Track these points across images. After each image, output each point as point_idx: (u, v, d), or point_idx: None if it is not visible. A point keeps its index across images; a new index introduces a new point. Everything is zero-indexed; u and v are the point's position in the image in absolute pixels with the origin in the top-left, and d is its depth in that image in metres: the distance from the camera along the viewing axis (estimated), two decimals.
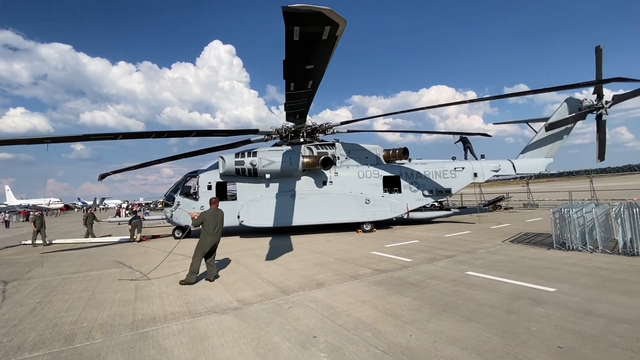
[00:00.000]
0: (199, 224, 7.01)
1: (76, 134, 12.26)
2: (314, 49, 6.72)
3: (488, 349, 3.64)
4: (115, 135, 11.81)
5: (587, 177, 23.53)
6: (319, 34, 6.10)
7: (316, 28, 5.91)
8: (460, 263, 7.64)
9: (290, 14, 5.40)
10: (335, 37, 6.25)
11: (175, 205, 14.45)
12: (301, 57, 7.07)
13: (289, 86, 8.64)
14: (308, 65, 7.47)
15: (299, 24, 5.74)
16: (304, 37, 6.17)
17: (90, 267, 9.38)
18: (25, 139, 11.23)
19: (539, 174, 18.30)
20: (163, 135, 12.67)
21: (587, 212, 8.35)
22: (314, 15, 5.51)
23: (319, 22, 5.72)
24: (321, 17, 5.58)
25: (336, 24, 5.81)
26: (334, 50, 6.80)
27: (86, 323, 5.05)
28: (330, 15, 5.53)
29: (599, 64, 14.34)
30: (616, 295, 5.06)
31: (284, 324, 4.61)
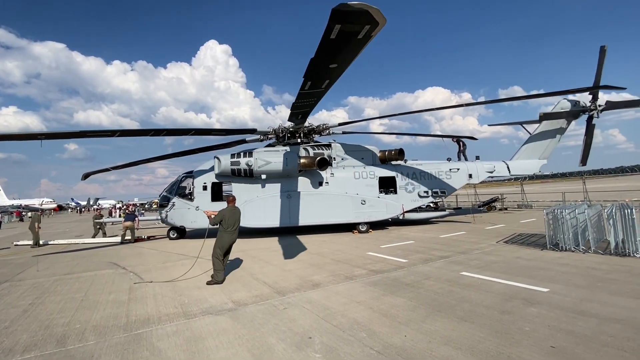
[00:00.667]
0: (217, 222, 6.99)
1: (72, 130, 11.83)
2: (345, 48, 6.79)
3: (482, 348, 3.67)
4: (112, 132, 11.57)
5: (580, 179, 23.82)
6: (357, 32, 6.18)
7: (356, 27, 5.98)
8: (455, 263, 7.69)
9: (339, 11, 5.45)
10: (369, 37, 6.34)
11: (170, 205, 14.37)
12: (330, 56, 7.11)
13: (304, 85, 8.66)
14: (332, 64, 7.53)
15: (343, 22, 5.78)
16: (341, 36, 6.24)
17: (83, 268, 9.28)
18: (19, 134, 10.79)
19: (533, 175, 18.48)
20: (161, 133, 12.51)
21: (580, 213, 8.44)
22: (360, 14, 5.58)
23: (363, 20, 5.79)
24: (366, 16, 5.65)
25: (376, 24, 5.87)
26: (362, 50, 6.88)
27: (79, 324, 5.00)
28: (375, 14, 5.60)
29: (600, 65, 14.46)
30: (608, 295, 5.12)
31: (279, 325, 4.61)
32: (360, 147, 16.04)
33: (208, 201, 14.17)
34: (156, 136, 12.71)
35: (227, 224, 7.02)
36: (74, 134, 11.64)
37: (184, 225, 14.42)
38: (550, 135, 17.30)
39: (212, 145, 15.79)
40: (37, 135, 10.46)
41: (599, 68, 14.62)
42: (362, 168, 15.07)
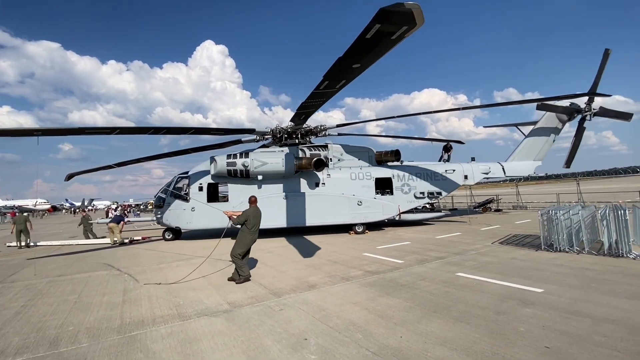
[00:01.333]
0: (242, 222, 7.01)
1: (70, 127, 11.40)
2: (375, 49, 6.73)
3: (477, 349, 3.68)
4: (111, 129, 11.20)
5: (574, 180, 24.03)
6: (392, 33, 6.10)
7: (395, 27, 5.89)
8: (451, 264, 7.72)
9: (387, 11, 5.40)
10: (402, 38, 6.28)
11: (165, 206, 14.29)
12: (357, 56, 7.05)
13: (321, 84, 8.62)
14: (356, 64, 7.47)
15: (384, 22, 5.70)
16: (376, 36, 6.17)
17: (77, 270, 9.19)
18: (14, 129, 10.25)
19: (528, 176, 18.61)
20: (160, 131, 12.28)
21: (574, 214, 8.52)
22: (405, 14, 5.50)
23: (404, 21, 5.70)
24: (409, 17, 5.57)
25: (413, 25, 5.79)
26: (389, 51, 6.84)
27: (72, 327, 4.94)
28: (418, 15, 5.53)
29: (601, 69, 14.61)
30: (601, 295, 5.16)
31: (274, 327, 4.59)
32: (357, 148, 16.06)
33: (204, 202, 14.11)
34: (155, 134, 12.46)
35: (251, 224, 7.06)
36: (72, 131, 11.32)
37: (179, 226, 14.34)
38: (545, 136, 17.45)
39: (207, 145, 15.71)
40: (33, 131, 10.03)
41: (599, 72, 14.81)
42: (358, 169, 15.09)
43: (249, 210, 7.15)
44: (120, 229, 14.53)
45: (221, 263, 9.26)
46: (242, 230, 7.09)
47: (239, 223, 7.03)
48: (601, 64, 14.47)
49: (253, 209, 7.23)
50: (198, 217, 14.04)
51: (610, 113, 15.95)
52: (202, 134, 13.85)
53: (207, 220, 14.07)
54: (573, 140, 16.43)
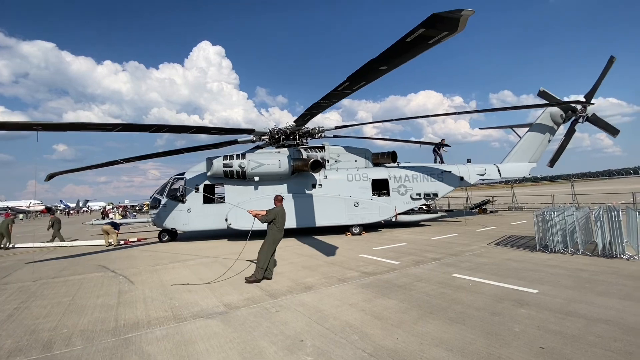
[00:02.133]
0: (270, 220, 7.16)
1: (72, 122, 10.49)
2: (409, 52, 6.78)
3: (472, 350, 3.69)
4: (114, 125, 10.70)
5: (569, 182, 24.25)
6: (431, 37, 6.12)
7: (437, 32, 5.92)
8: (447, 265, 7.74)
9: (439, 17, 5.43)
10: (438, 42, 6.32)
11: (161, 207, 14.21)
12: (390, 58, 7.11)
13: (341, 85, 8.64)
14: (383, 66, 7.53)
15: (431, 26, 5.73)
16: (416, 40, 6.21)
17: (71, 272, 9.10)
18: (13, 123, 9.62)
19: (523, 178, 18.77)
20: (162, 129, 12.01)
21: (569, 216, 8.59)
22: (453, 21, 5.53)
23: (448, 27, 5.74)
24: (455, 23, 5.59)
25: (455, 31, 5.83)
26: (418, 55, 6.92)
27: (66, 329, 4.89)
28: (462, 22, 5.57)
29: (603, 73, 14.81)
30: (595, 296, 5.21)
31: (270, 328, 4.57)
32: (354, 150, 16.09)
33: (200, 203, 14.06)
34: (157, 132, 12.11)
35: (279, 222, 7.24)
36: (73, 126, 10.75)
37: (175, 227, 14.26)
38: (540, 139, 17.61)
39: (202, 146, 15.64)
40: (33, 125, 9.52)
41: (601, 76, 15.03)
42: (355, 170, 15.11)
43: (277, 209, 7.31)
44: (117, 234, 14.46)
45: (217, 265, 9.21)
46: (271, 228, 7.23)
47: (267, 221, 7.18)
48: (604, 70, 14.65)
49: (280, 207, 7.41)
50: (194, 218, 13.98)
51: (600, 122, 16.08)
52: (203, 132, 13.65)
53: (203, 222, 14.03)
54: (562, 140, 16.56)
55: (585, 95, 15.81)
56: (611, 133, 16.29)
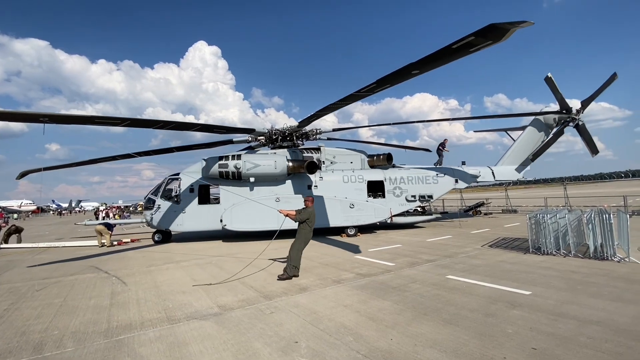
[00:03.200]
0: (304, 220, 7.43)
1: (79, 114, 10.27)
2: (448, 57, 6.93)
3: (466, 351, 3.72)
4: (121, 120, 10.54)
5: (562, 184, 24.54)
6: (474, 45, 6.25)
7: (482, 40, 6.03)
8: (441, 267, 7.78)
9: (496, 27, 5.55)
10: (477, 50, 6.45)
11: (155, 208, 14.09)
12: (428, 63, 7.27)
13: (366, 87, 8.84)
14: (416, 70, 7.66)
15: (481, 35, 5.85)
16: (461, 47, 6.34)
17: (63, 272, 8.99)
18: (19, 113, 9.17)
19: (517, 180, 18.94)
20: (168, 125, 11.75)
21: (561, 218, 8.69)
22: (502, 31, 5.65)
23: (496, 37, 5.85)
24: (503, 33, 5.70)
25: (498, 40, 5.96)
26: (455, 60, 7.06)
27: (57, 331, 4.83)
28: (511, 33, 5.69)
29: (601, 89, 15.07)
30: (587, 297, 5.27)
31: (265, 330, 4.56)
32: (349, 151, 16.14)
33: (195, 204, 13.99)
34: (162, 129, 11.91)
35: (311, 222, 7.52)
36: (81, 119, 10.39)
37: (169, 228, 14.16)
38: (534, 142, 17.79)
39: (195, 145, 15.57)
40: (39, 117, 9.09)
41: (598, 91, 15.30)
42: (350, 172, 15.14)
43: (310, 209, 7.58)
44: (111, 234, 14.30)
45: (212, 266, 9.16)
46: (303, 228, 7.47)
47: (301, 220, 7.42)
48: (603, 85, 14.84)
49: (312, 208, 7.72)
50: (189, 219, 13.90)
51: (585, 134, 16.13)
52: (206, 131, 13.47)
53: (198, 223, 13.95)
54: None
55: (583, 102, 16.03)
56: (591, 150, 16.12)
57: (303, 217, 7.42)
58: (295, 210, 7.56)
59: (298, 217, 7.42)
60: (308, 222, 7.48)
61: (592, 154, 16.35)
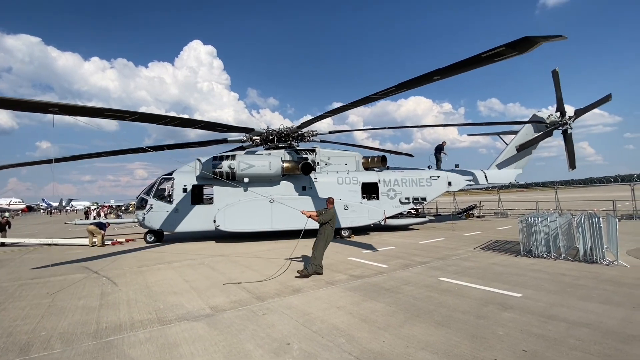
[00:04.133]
0: (327, 221, 7.68)
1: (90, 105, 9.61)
2: (472, 65, 7.36)
3: (457, 353, 3.74)
4: (130, 113, 10.24)
5: (553, 188, 24.88)
6: (500, 55, 6.67)
7: (510, 51, 6.39)
8: (434, 269, 7.83)
9: (529, 40, 5.93)
10: (501, 60, 6.88)
11: (148, 208, 13.94)
12: (453, 70, 7.67)
13: (384, 90, 9.18)
14: (438, 76, 8.02)
15: (512, 47, 6.22)
16: (489, 56, 6.77)
17: (52, 272, 8.83)
18: (28, 101, 8.66)
19: (509, 184, 19.13)
20: (175, 121, 11.45)
21: (552, 222, 8.80)
22: (533, 44, 6.03)
23: (523, 48, 6.21)
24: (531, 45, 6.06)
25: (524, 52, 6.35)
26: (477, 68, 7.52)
27: (44, 332, 4.74)
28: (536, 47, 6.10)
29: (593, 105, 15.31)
30: (576, 300, 5.34)
31: (257, 331, 4.53)
32: (344, 153, 16.16)
33: (188, 204, 13.87)
34: (168, 125, 11.57)
35: (333, 222, 7.82)
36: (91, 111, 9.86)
37: (162, 228, 14.01)
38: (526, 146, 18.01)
39: (187, 143, 15.46)
40: (49, 107, 8.74)
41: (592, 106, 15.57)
42: (345, 173, 15.16)
43: (332, 211, 7.86)
44: (103, 234, 14.09)
45: (204, 267, 9.09)
46: (325, 228, 7.69)
47: (325, 222, 7.65)
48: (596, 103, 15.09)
49: (334, 209, 7.99)
50: (181, 219, 13.77)
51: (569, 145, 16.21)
52: (208, 129, 13.25)
53: (191, 223, 13.83)
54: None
55: (577, 111, 16.30)
56: (569, 163, 16.25)
57: (326, 218, 7.68)
58: (317, 212, 7.87)
59: (321, 219, 7.65)
60: (330, 222, 7.74)
61: (569, 167, 16.60)
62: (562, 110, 16.08)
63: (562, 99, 15.65)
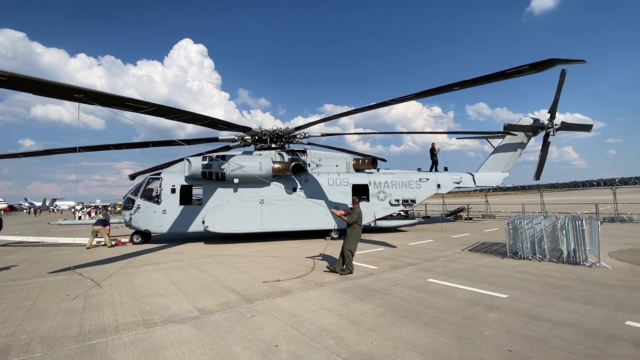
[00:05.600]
0: (355, 220, 7.99)
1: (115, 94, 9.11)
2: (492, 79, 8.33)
3: (445, 353, 3.77)
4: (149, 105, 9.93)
5: (538, 192, 25.43)
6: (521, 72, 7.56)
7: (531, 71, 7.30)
8: (423, 270, 7.90)
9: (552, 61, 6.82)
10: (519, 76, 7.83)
11: (135, 208, 13.67)
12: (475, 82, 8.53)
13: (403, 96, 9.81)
14: (458, 87, 8.76)
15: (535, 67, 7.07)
16: (512, 73, 7.68)
17: (33, 274, 8.58)
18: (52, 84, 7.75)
19: (497, 186, 19.49)
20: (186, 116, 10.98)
21: (537, 224, 8.99)
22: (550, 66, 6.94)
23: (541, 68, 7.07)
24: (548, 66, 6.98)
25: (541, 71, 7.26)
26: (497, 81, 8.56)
27: (25, 335, 4.59)
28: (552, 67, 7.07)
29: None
30: (560, 301, 5.46)
31: (245, 333, 4.48)
32: (335, 155, 16.20)
33: (176, 204, 13.66)
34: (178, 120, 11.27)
35: (360, 221, 8.11)
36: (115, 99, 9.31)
37: (149, 229, 13.76)
38: (512, 150, 18.40)
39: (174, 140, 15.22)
40: (74, 92, 8.09)
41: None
42: (336, 175, 15.20)
43: (359, 210, 8.15)
44: (108, 233, 13.75)
45: (192, 268, 8.96)
46: (354, 227, 7.99)
47: (354, 221, 7.96)
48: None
49: (360, 208, 8.29)
50: (169, 220, 13.56)
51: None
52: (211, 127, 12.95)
53: (179, 224, 13.62)
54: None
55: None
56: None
57: (354, 217, 8.02)
58: (344, 211, 8.32)
59: (350, 219, 7.99)
60: (358, 221, 8.05)
61: (535, 176, 17.28)
62: (553, 114, 16.43)
63: (558, 102, 15.99)
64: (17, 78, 6.96)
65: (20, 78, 7.01)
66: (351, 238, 7.98)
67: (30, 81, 7.30)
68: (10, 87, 7.36)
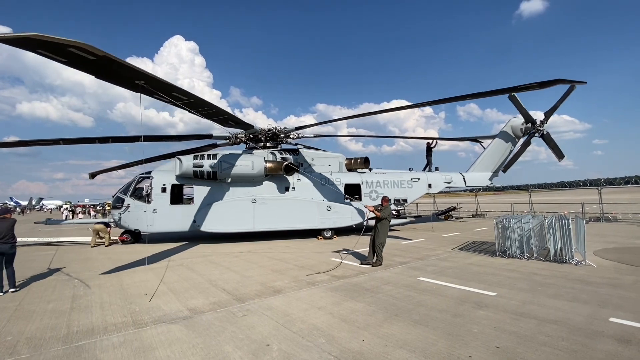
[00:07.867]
0: (386, 216, 8.71)
1: (171, 83, 8.58)
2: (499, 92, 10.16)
3: (434, 350, 3.83)
4: (189, 95, 9.65)
5: (527, 191, 25.90)
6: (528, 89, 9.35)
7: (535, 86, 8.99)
8: (413, 269, 7.98)
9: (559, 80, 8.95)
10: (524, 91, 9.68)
11: (124, 207, 13.48)
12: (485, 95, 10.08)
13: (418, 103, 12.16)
14: (469, 98, 10.31)
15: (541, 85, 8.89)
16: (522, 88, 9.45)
17: (20, 275, 8.35)
18: (122, 63, 7.13)
19: (486, 186, 19.76)
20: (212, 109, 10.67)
21: (525, 223, 9.15)
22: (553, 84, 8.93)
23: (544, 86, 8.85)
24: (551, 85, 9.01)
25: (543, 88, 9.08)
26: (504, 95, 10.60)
27: (10, 337, 4.50)
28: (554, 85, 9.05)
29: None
30: (547, 298, 5.58)
31: (236, 333, 4.47)
32: (327, 154, 16.23)
33: (167, 204, 13.51)
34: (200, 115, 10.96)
35: (390, 217, 8.93)
36: (171, 88, 8.89)
37: (139, 228, 13.58)
38: (502, 150, 18.65)
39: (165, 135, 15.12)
40: (135, 78, 7.75)
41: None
42: (328, 175, 15.22)
43: (388, 207, 8.91)
44: (109, 232, 13.63)
45: (183, 268, 8.88)
46: (383, 223, 8.68)
47: (385, 217, 8.67)
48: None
49: (389, 206, 9.07)
50: (160, 219, 13.40)
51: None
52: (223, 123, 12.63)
53: (169, 223, 13.47)
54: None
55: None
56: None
57: (385, 213, 8.70)
58: (375, 207, 8.91)
59: (383, 214, 8.65)
60: (388, 217, 8.75)
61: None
62: (532, 121, 16.35)
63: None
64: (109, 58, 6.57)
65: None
66: (381, 232, 8.63)
67: (102, 58, 6.67)
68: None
